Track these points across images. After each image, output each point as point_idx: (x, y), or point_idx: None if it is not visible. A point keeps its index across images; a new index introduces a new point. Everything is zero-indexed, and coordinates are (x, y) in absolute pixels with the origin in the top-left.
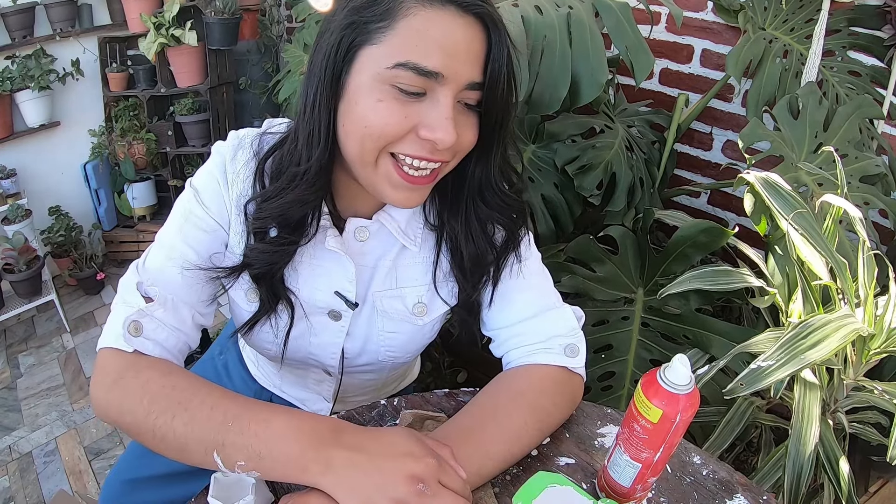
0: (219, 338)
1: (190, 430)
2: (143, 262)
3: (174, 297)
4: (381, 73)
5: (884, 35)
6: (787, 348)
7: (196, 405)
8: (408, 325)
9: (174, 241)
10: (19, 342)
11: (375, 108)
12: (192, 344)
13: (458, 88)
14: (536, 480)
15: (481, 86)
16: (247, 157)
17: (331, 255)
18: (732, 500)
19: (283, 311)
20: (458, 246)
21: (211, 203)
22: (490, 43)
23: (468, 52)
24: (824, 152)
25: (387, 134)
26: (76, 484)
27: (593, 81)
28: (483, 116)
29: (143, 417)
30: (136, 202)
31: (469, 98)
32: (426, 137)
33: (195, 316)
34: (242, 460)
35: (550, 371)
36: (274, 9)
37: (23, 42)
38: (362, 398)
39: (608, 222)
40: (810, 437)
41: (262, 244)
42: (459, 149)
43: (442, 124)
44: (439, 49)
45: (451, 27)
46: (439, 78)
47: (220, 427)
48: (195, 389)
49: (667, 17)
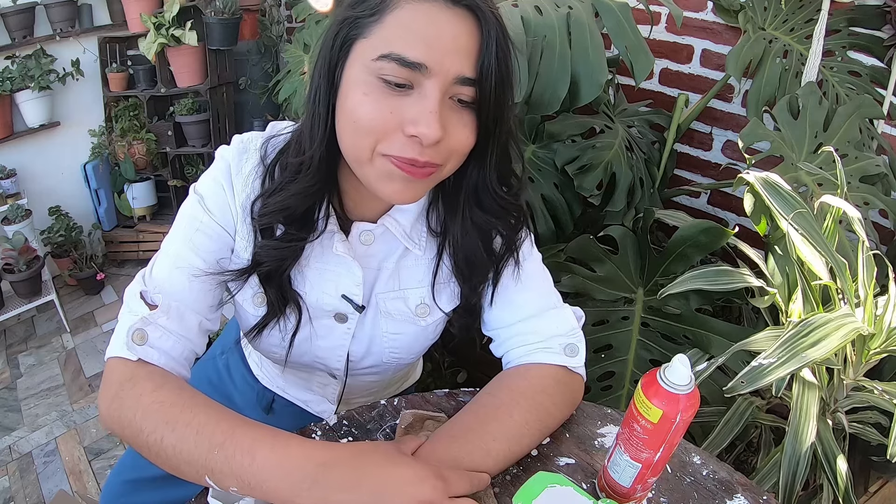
0: (220, 337)
1: (179, 453)
2: (150, 271)
3: (180, 304)
4: (368, 66)
5: (884, 35)
6: (788, 346)
7: (182, 427)
8: (411, 325)
9: (180, 249)
10: (19, 342)
11: (362, 101)
12: (198, 351)
13: (445, 82)
14: (536, 480)
15: (474, 82)
16: (253, 163)
17: (338, 260)
18: (732, 500)
19: (290, 315)
20: (458, 250)
21: (216, 209)
22: (482, 37)
23: (455, 45)
24: (824, 152)
25: (373, 129)
26: (76, 484)
27: (593, 82)
28: (478, 116)
29: (136, 434)
30: (136, 202)
31: (462, 94)
32: (410, 133)
33: (202, 322)
34: (234, 487)
35: (551, 370)
36: (274, 9)
37: (23, 42)
38: (365, 399)
39: (608, 222)
40: (807, 436)
41: (270, 241)
42: (453, 149)
43: (425, 118)
44: (423, 40)
45: (437, 18)
46: (423, 70)
47: (206, 454)
48: (182, 407)
49: (667, 18)
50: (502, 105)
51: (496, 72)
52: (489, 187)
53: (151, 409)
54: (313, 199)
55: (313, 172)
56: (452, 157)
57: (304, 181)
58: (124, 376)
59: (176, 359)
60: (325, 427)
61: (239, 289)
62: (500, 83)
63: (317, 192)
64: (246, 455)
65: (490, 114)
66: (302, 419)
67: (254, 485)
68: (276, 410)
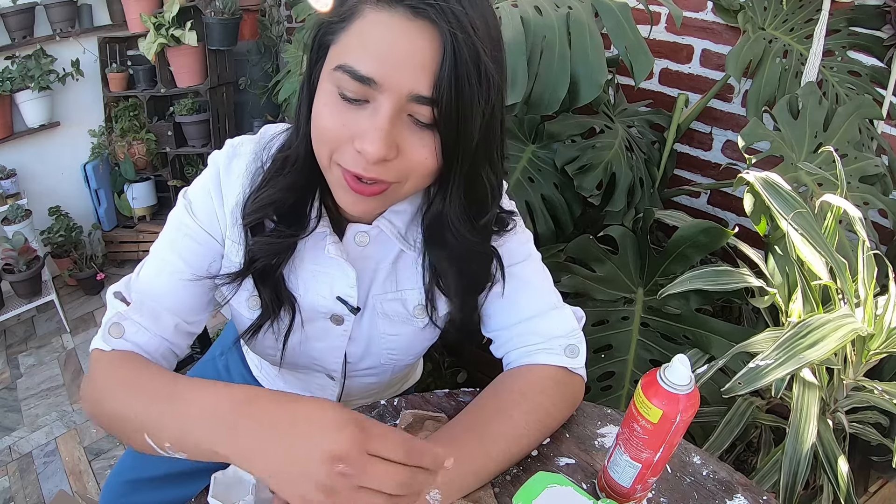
0: (219, 338)
1: (123, 417)
2: (137, 273)
3: (157, 304)
4: (329, 75)
5: (884, 35)
6: (786, 347)
7: (124, 392)
8: (409, 327)
9: (165, 253)
10: (19, 342)
11: (321, 111)
12: (177, 351)
13: (398, 100)
14: (536, 480)
15: (431, 101)
16: (243, 164)
17: (332, 262)
18: (732, 501)
19: (284, 316)
20: (438, 273)
21: (202, 215)
22: (443, 53)
23: (410, 61)
24: (824, 152)
25: (327, 139)
26: (76, 484)
27: (592, 82)
28: (441, 140)
29: (97, 406)
30: (136, 202)
31: (418, 113)
32: (356, 148)
33: (180, 325)
34: (168, 442)
35: (551, 371)
36: (274, 9)
37: (23, 42)
38: (365, 400)
39: (608, 222)
40: (808, 436)
41: (262, 237)
42: (410, 168)
43: (371, 135)
44: (377, 53)
45: (395, 31)
46: (374, 84)
47: (142, 411)
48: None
49: (666, 18)
50: (466, 129)
51: (455, 92)
52: (450, 223)
53: (107, 382)
54: (300, 193)
55: (298, 168)
56: (412, 177)
57: (290, 177)
58: (99, 363)
59: (151, 354)
60: None
61: (233, 293)
62: (464, 104)
63: (303, 188)
64: (171, 404)
65: (449, 140)
66: None
67: (180, 436)
68: None
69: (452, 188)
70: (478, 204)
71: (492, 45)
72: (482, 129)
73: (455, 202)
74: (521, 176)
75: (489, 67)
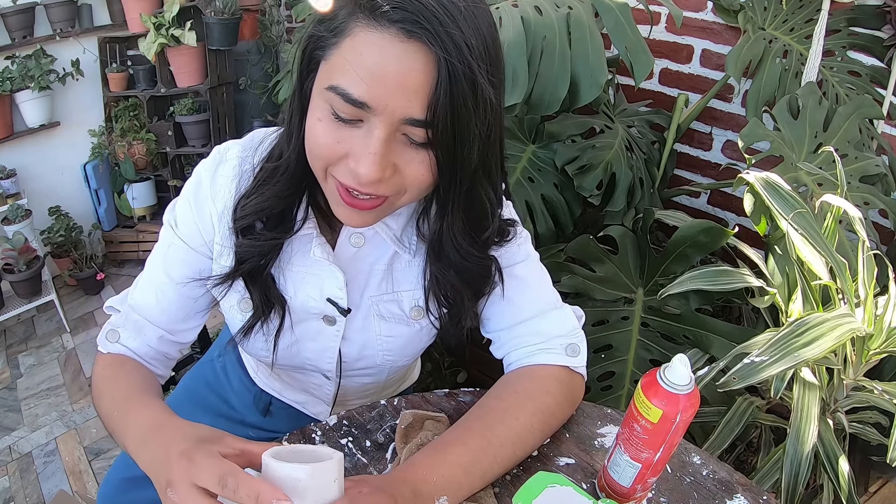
0: (217, 340)
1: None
2: (133, 287)
3: (141, 318)
4: (322, 93)
5: (884, 35)
6: (781, 345)
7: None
8: (405, 328)
9: (151, 269)
10: (19, 342)
11: (315, 125)
12: (169, 357)
13: (392, 123)
14: (536, 480)
15: (426, 123)
16: (229, 169)
17: (320, 264)
18: (732, 500)
19: (275, 317)
20: (437, 283)
21: (184, 229)
22: (437, 76)
23: (402, 85)
24: (824, 152)
25: (322, 155)
26: (76, 484)
27: (593, 82)
28: (438, 159)
29: (96, 406)
30: (136, 202)
31: (412, 134)
32: (351, 168)
33: (164, 336)
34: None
35: (553, 371)
36: (274, 9)
37: (23, 42)
38: (362, 401)
39: (608, 222)
40: (808, 436)
41: (248, 239)
42: (407, 184)
43: (365, 158)
44: (369, 77)
45: (386, 53)
46: (367, 108)
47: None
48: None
49: (666, 17)
50: (463, 150)
51: (450, 116)
52: (452, 238)
53: (97, 383)
54: (289, 201)
55: (288, 178)
56: (409, 190)
57: (280, 186)
58: (96, 364)
59: (143, 357)
60: (325, 427)
61: (224, 295)
62: (460, 128)
63: (291, 196)
64: (122, 416)
65: (446, 161)
66: (299, 421)
67: (121, 442)
68: (273, 413)
69: (452, 206)
70: (478, 219)
71: (489, 65)
72: (480, 150)
73: (455, 220)
74: (521, 176)
75: (485, 90)
